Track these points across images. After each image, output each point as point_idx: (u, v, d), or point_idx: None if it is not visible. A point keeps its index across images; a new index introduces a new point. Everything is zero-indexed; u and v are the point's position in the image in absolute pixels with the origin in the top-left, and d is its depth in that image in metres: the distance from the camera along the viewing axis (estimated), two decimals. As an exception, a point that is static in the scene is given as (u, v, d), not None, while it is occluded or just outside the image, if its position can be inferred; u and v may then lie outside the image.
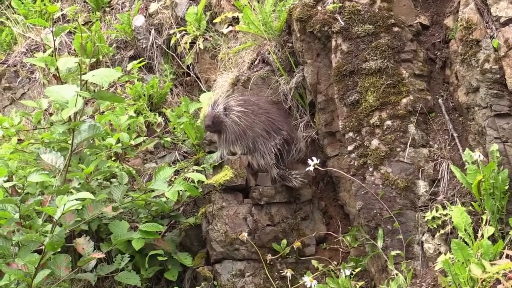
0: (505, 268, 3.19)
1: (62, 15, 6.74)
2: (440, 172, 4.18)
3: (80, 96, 3.64)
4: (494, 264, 3.20)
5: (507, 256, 3.44)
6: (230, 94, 4.88)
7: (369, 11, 4.48)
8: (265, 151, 4.63)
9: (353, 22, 4.48)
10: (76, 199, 3.59)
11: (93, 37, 6.01)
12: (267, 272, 4.41)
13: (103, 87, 3.54)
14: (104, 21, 6.62)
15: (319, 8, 4.64)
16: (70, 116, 3.87)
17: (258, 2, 5.12)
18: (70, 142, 4.02)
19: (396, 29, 4.46)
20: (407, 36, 4.48)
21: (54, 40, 4.29)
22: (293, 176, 4.66)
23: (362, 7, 4.49)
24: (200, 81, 5.92)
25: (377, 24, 4.44)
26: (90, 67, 4.06)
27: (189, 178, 4.68)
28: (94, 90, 3.72)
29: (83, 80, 3.70)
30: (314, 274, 4.30)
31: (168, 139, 5.39)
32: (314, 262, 4.44)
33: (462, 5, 4.21)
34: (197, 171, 4.72)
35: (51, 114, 5.00)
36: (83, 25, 6.44)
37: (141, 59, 5.81)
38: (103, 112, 5.23)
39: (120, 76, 3.63)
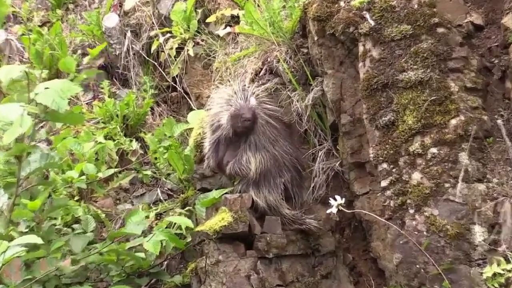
0: None
1: (13, 14, 6.88)
2: (502, 214, 4.10)
3: (28, 113, 3.57)
4: None
5: None
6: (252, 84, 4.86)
7: (406, 7, 4.44)
8: (273, 185, 4.67)
9: (385, 22, 4.45)
10: (22, 245, 3.51)
11: (52, 42, 5.99)
12: None
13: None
14: (67, 21, 6.74)
15: (342, 3, 4.63)
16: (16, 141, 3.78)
17: (264, -4, 5.03)
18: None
19: (441, 30, 4.41)
20: (456, 39, 4.42)
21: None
22: (308, 220, 4.67)
23: (397, 3, 4.45)
24: (190, 98, 6.03)
25: (417, 24, 4.41)
26: (47, 80, 4.12)
27: (175, 223, 4.68)
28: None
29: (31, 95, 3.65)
30: None
31: (148, 172, 5.46)
32: (341, 333, 4.33)
33: (525, 0, 4.10)
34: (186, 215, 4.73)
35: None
36: (40, 26, 6.46)
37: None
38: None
39: (78, 90, 3.62)
